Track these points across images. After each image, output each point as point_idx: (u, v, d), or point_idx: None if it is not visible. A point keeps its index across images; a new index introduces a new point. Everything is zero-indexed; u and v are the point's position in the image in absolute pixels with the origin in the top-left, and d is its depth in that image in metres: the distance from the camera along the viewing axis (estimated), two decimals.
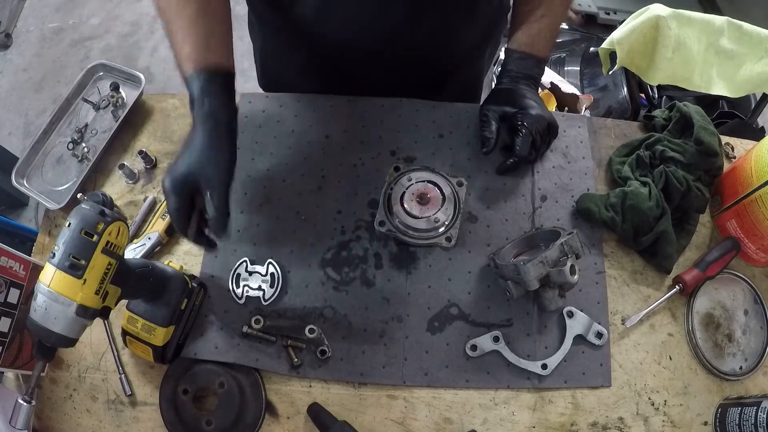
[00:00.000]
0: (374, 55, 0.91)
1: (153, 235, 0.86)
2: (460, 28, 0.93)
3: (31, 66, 2.58)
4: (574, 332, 0.81)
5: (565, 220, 0.90)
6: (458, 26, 0.92)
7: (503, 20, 1.08)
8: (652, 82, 1.35)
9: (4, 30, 2.63)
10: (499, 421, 0.78)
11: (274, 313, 0.82)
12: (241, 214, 0.89)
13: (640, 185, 0.87)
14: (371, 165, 0.92)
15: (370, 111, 0.97)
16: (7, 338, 0.75)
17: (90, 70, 1.01)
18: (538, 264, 0.72)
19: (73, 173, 0.94)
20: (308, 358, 0.80)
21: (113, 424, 0.79)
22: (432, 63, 0.98)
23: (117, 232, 0.63)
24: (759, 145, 0.85)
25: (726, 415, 0.77)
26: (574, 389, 0.80)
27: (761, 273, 0.90)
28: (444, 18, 0.89)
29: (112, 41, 2.64)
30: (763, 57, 1.31)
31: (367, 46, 0.89)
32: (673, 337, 0.84)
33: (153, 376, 0.81)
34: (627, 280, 0.87)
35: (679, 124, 0.95)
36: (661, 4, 1.34)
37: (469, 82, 1.12)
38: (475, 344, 0.81)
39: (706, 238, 0.91)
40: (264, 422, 0.78)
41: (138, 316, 0.75)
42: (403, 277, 0.85)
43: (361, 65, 0.94)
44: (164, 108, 1.00)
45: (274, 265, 0.84)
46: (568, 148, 0.95)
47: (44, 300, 0.59)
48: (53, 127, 0.98)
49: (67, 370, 0.82)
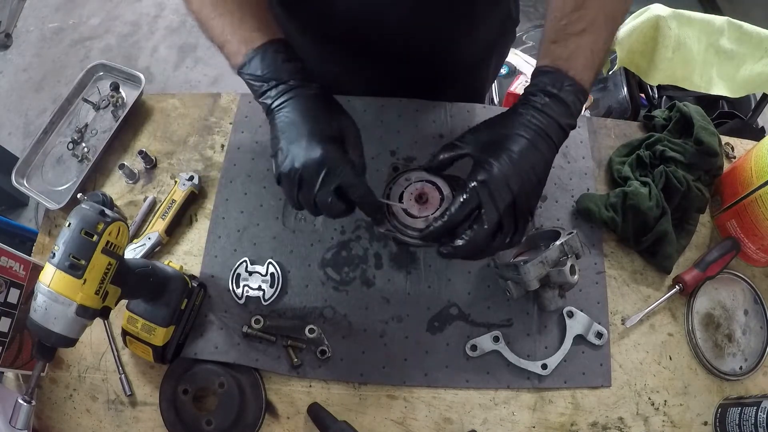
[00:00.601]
0: (377, 52, 0.90)
1: (153, 235, 0.86)
2: (464, 32, 0.92)
3: (31, 66, 2.58)
4: (574, 332, 0.81)
5: (565, 220, 0.90)
6: (462, 30, 0.91)
7: (512, 32, 1.06)
8: (652, 82, 1.35)
9: (4, 30, 2.63)
10: (499, 421, 0.78)
11: (274, 313, 0.82)
12: (241, 214, 0.89)
13: (640, 185, 0.87)
14: (371, 165, 0.92)
15: (370, 111, 0.97)
16: (7, 338, 0.75)
17: (90, 70, 1.01)
18: (538, 264, 0.72)
19: (73, 173, 0.94)
20: (308, 358, 0.80)
21: (113, 424, 0.79)
22: (435, 66, 0.97)
23: (117, 232, 0.63)
24: (759, 145, 0.85)
25: (726, 415, 0.77)
26: (574, 389, 0.80)
27: (761, 273, 0.90)
28: (448, 17, 0.87)
29: (112, 41, 2.64)
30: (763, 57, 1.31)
31: (371, 40, 0.88)
32: (673, 337, 0.84)
33: (153, 376, 0.81)
34: (627, 280, 0.87)
35: (679, 124, 0.95)
36: (661, 4, 1.34)
37: (471, 92, 1.10)
38: (475, 344, 0.81)
39: (706, 238, 0.91)
40: (264, 422, 0.78)
41: (138, 316, 0.75)
42: (403, 277, 0.85)
43: (363, 62, 0.93)
44: (164, 108, 1.00)
45: (274, 265, 0.84)
46: (568, 148, 0.95)
47: (44, 300, 0.59)
48: (53, 127, 0.98)
49: (67, 370, 0.82)
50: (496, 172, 0.61)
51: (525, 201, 0.62)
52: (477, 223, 0.62)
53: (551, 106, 0.63)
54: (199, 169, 0.93)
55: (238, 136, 0.95)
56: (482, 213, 0.62)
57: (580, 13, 0.65)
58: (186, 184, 0.89)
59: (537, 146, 0.63)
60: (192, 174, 0.90)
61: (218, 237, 0.88)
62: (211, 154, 0.95)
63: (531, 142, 0.62)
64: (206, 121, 0.98)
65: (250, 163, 0.92)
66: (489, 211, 0.61)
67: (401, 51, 0.90)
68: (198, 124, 0.98)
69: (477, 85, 1.11)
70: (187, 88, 2.50)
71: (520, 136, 0.63)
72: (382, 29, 0.85)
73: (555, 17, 0.66)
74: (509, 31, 1.04)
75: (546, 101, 0.63)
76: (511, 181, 0.61)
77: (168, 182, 0.93)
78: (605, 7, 0.65)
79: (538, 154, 0.63)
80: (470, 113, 0.96)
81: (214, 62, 2.52)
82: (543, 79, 0.65)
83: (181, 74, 2.54)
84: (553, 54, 0.65)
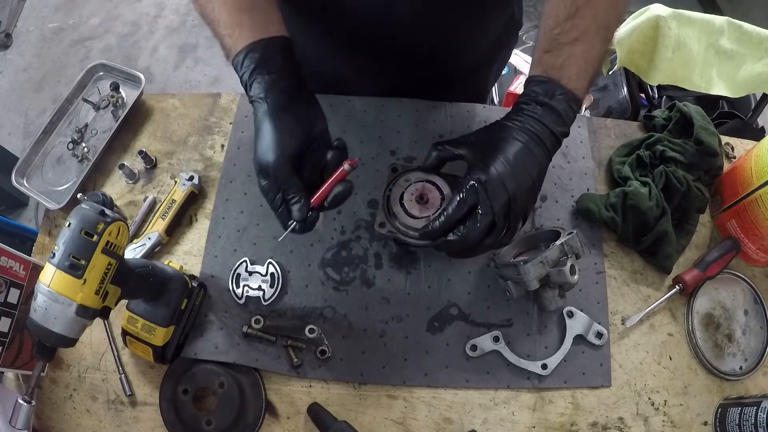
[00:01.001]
0: (381, 51, 0.90)
1: (153, 235, 0.86)
2: (468, 33, 0.91)
3: (31, 66, 2.58)
4: (574, 332, 0.81)
5: (565, 220, 0.90)
6: (466, 30, 0.91)
7: (514, 35, 1.06)
8: (652, 82, 1.35)
9: (4, 30, 2.63)
10: (499, 421, 0.78)
11: (274, 313, 0.82)
12: (241, 214, 0.89)
13: (640, 185, 0.87)
14: (371, 165, 0.92)
15: (370, 111, 0.97)
16: (7, 338, 0.75)
17: (90, 70, 1.01)
18: (538, 264, 0.72)
19: (73, 173, 0.94)
20: (308, 358, 0.80)
21: (113, 424, 0.79)
22: (438, 66, 0.97)
23: (117, 232, 0.63)
24: (759, 145, 0.85)
25: (726, 415, 0.77)
26: (574, 389, 0.80)
27: (761, 273, 0.90)
28: (453, 16, 0.87)
29: (112, 41, 2.64)
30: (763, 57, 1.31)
31: (374, 39, 0.87)
32: (673, 337, 0.84)
33: (153, 376, 0.81)
34: (627, 280, 0.87)
35: (679, 124, 0.95)
36: (661, 4, 1.33)
37: (472, 94, 1.09)
38: (475, 344, 0.81)
39: (706, 238, 0.91)
40: (264, 422, 0.78)
41: (138, 316, 0.75)
42: (403, 277, 0.85)
43: (366, 61, 0.93)
44: (164, 108, 1.00)
45: (274, 265, 0.84)
46: (568, 148, 0.95)
47: (44, 300, 0.59)
48: (53, 127, 0.98)
49: (67, 370, 0.82)
50: (493, 172, 0.63)
51: (519, 203, 0.63)
52: (471, 220, 0.64)
53: (544, 115, 0.64)
54: (199, 169, 0.93)
55: (238, 136, 0.95)
56: (478, 212, 0.63)
57: (573, 22, 0.65)
58: (186, 184, 0.89)
59: (532, 150, 0.64)
60: (192, 174, 0.90)
61: (218, 237, 0.88)
62: (211, 154, 0.95)
63: (526, 146, 0.64)
64: (206, 121, 0.98)
65: (250, 163, 0.91)
66: (485, 210, 0.63)
67: (405, 51, 0.90)
68: (198, 124, 0.98)
69: (479, 86, 1.11)
70: (187, 88, 2.50)
71: (516, 140, 0.64)
72: (386, 27, 0.85)
73: (548, 26, 0.67)
74: (512, 33, 1.04)
75: (539, 110, 0.64)
76: (507, 181, 0.62)
77: (168, 182, 0.93)
78: (598, 16, 0.66)
79: (533, 157, 0.64)
80: (470, 113, 0.96)
81: (214, 62, 2.53)
82: (535, 88, 0.65)
83: (181, 74, 2.54)
84: (546, 63, 0.66)
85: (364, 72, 0.98)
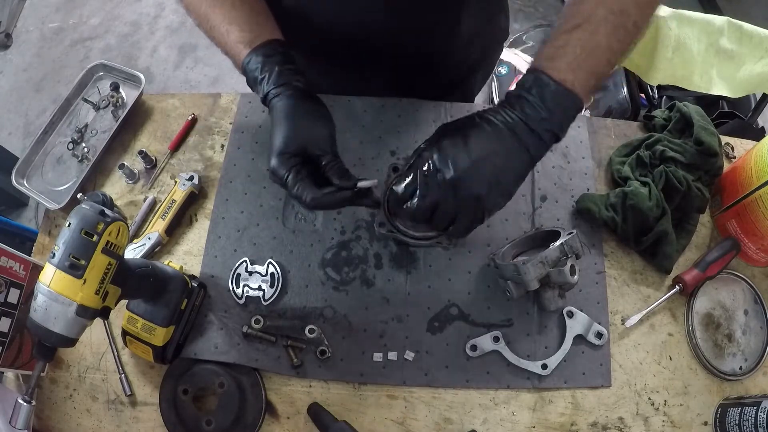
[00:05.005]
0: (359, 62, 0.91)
1: (153, 235, 0.86)
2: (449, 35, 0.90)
3: (31, 66, 2.58)
4: (574, 332, 0.81)
5: (565, 220, 0.90)
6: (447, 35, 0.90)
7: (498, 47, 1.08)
8: (652, 82, 1.35)
9: (4, 30, 2.63)
10: (499, 421, 0.78)
11: (274, 313, 0.82)
12: (241, 214, 0.89)
13: (640, 185, 0.87)
14: (371, 165, 0.92)
15: (370, 111, 0.97)
16: (7, 338, 0.75)
17: (90, 70, 1.01)
18: (538, 264, 0.72)
19: (73, 173, 0.94)
20: (308, 358, 0.80)
21: (113, 424, 0.79)
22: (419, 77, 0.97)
23: (117, 232, 0.63)
24: (759, 145, 0.85)
25: (726, 415, 0.77)
26: (574, 389, 0.80)
27: (761, 273, 0.90)
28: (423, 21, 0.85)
29: (112, 41, 2.64)
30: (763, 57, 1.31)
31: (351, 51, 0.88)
32: (673, 337, 0.84)
33: (153, 376, 0.81)
34: (627, 280, 0.87)
35: (679, 124, 0.95)
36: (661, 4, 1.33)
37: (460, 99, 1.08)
38: (475, 344, 0.81)
39: (706, 238, 0.91)
40: (264, 422, 0.78)
41: (138, 316, 0.75)
42: (403, 277, 0.85)
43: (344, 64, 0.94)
44: (164, 108, 1.00)
45: (274, 265, 0.84)
46: (568, 148, 0.95)
47: (44, 300, 0.59)
48: (53, 127, 0.98)
49: (67, 370, 0.82)
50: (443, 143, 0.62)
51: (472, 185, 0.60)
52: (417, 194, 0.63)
53: (520, 107, 0.61)
54: (199, 169, 0.93)
55: (238, 136, 0.95)
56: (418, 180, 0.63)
57: (576, 8, 0.60)
58: (186, 184, 0.89)
59: (500, 138, 0.60)
60: (192, 174, 0.90)
61: (218, 237, 0.88)
62: (211, 154, 0.95)
63: (493, 133, 0.60)
64: (206, 121, 0.98)
65: (250, 163, 0.92)
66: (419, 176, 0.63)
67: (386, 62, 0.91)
68: (198, 124, 0.98)
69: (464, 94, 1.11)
70: (187, 88, 2.50)
71: (480, 127, 0.61)
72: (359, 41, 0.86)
73: (558, 16, 0.63)
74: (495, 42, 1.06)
75: (515, 103, 0.61)
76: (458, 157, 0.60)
77: (168, 182, 0.93)
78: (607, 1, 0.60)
79: (500, 145, 0.60)
80: (470, 113, 0.96)
81: (214, 62, 2.52)
82: (521, 81, 0.62)
83: (181, 74, 2.54)
84: (539, 54, 0.62)
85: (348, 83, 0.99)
